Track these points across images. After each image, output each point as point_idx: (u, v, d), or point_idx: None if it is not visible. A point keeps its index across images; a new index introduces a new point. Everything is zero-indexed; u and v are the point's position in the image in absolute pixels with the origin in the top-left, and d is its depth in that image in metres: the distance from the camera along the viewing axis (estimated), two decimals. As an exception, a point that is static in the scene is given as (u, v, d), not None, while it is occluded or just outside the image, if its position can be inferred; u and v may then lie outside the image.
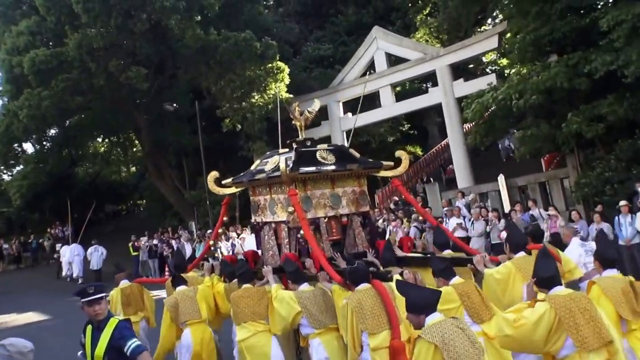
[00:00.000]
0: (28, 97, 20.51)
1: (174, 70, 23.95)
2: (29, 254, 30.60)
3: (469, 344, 4.15)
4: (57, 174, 32.42)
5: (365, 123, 23.66)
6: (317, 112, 8.78)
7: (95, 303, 4.97)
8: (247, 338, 6.59)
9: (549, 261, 4.87)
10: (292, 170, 7.24)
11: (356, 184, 8.05)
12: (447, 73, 21.11)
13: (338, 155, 7.91)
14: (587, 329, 4.32)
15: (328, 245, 7.61)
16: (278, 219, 7.88)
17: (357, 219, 7.96)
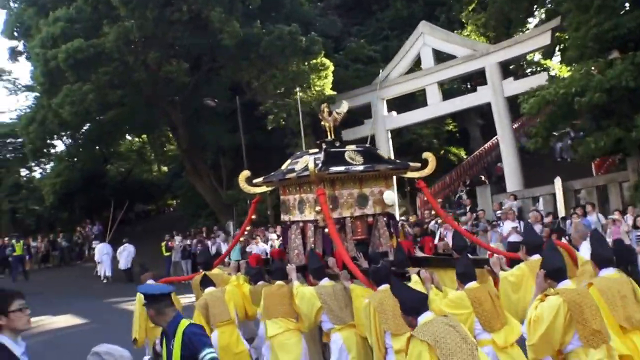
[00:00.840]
0: (69, 93, 20.33)
1: (212, 65, 23.83)
2: (57, 252, 30.54)
3: (461, 340, 4.25)
4: (89, 171, 32.54)
5: (410, 122, 23.36)
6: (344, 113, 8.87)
7: (147, 307, 4.50)
8: (277, 334, 6.79)
9: (557, 254, 5.09)
10: (321, 170, 7.52)
11: (383, 184, 8.23)
12: (496, 71, 20.67)
13: (366, 156, 8.18)
14: (595, 323, 4.46)
15: (352, 245, 7.87)
16: (306, 218, 8.15)
17: (382, 219, 8.15)
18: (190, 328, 4.26)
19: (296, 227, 8.37)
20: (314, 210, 7.80)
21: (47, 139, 26.14)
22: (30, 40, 24.46)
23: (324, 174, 7.59)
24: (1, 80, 36.47)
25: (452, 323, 4.42)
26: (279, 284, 7.13)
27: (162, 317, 4.36)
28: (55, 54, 20.08)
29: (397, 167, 8.61)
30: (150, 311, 4.43)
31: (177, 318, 4.35)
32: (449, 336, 4.24)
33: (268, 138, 24.85)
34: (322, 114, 8.66)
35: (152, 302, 4.41)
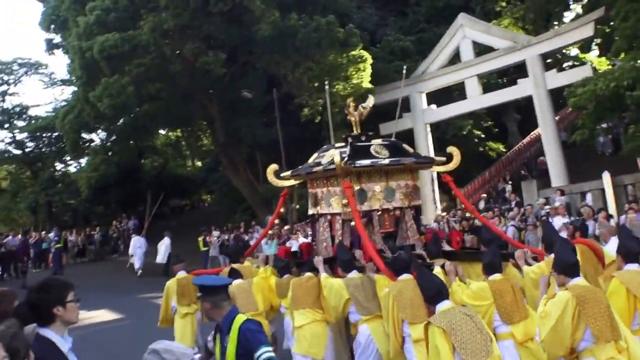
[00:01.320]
0: (107, 86, 20.31)
1: (248, 58, 23.74)
2: (93, 246, 30.62)
3: (476, 331, 4.43)
4: (125, 165, 32.66)
5: (449, 116, 23.10)
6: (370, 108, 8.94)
7: (202, 299, 4.24)
8: (304, 325, 6.92)
9: (569, 250, 5.12)
10: (347, 164, 7.59)
11: (409, 178, 8.32)
12: (538, 63, 20.33)
13: (392, 150, 8.23)
14: (602, 321, 4.46)
15: (380, 238, 7.99)
16: (333, 211, 8.22)
17: (409, 212, 8.28)
18: (247, 324, 4.02)
19: (324, 220, 8.48)
20: (341, 203, 7.89)
21: (83, 131, 26.25)
22: (67, 33, 24.58)
23: (350, 168, 7.67)
24: (37, 74, 36.85)
25: (470, 313, 4.60)
26: (309, 275, 7.27)
27: (218, 311, 4.12)
28: (91, 45, 20.10)
29: (422, 161, 8.75)
30: (205, 304, 4.17)
31: (233, 313, 4.11)
32: (464, 325, 4.43)
33: (304, 132, 24.73)
34: (348, 109, 8.77)
35: (209, 294, 4.16)
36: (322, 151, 8.67)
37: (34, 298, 3.47)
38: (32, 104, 37.96)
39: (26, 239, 26.54)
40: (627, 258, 5.38)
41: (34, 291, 3.48)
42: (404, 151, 8.47)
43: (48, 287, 3.49)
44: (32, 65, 36.13)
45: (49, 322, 3.42)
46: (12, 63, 35.46)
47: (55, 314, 3.42)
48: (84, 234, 31.13)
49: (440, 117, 23.43)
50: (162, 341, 3.71)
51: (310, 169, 8.42)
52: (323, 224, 8.47)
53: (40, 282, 3.56)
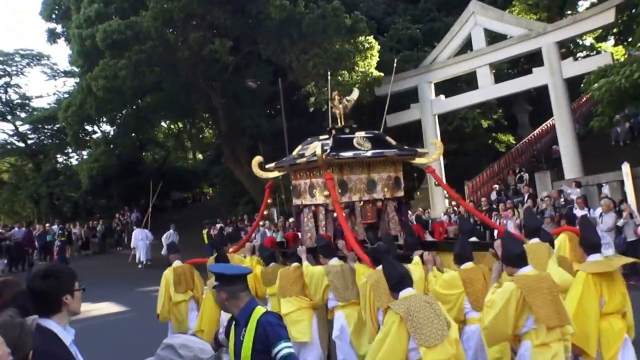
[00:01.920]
0: (104, 68, 19.52)
1: (252, 47, 22.94)
2: (96, 239, 30.17)
3: (434, 317, 4.58)
4: (126, 158, 32.01)
5: (459, 106, 22.17)
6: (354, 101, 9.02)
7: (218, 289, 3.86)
8: (290, 312, 7.03)
9: (516, 241, 5.25)
10: (329, 156, 7.65)
11: (392, 170, 8.38)
12: (554, 51, 19.30)
13: (375, 142, 8.27)
14: (548, 308, 4.61)
15: (362, 228, 8.08)
16: (317, 202, 8.27)
17: (391, 204, 8.36)
18: (267, 317, 3.70)
19: (308, 211, 8.55)
20: (324, 194, 7.92)
21: (85, 123, 25.54)
22: (68, 22, 23.81)
23: (332, 159, 7.74)
24: (40, 65, 36.04)
25: (429, 300, 4.79)
26: (296, 265, 7.35)
27: (235, 301, 3.83)
28: (92, 33, 19.35)
29: (405, 153, 8.70)
30: (221, 294, 3.84)
31: (251, 304, 3.80)
32: (422, 311, 4.58)
33: (309, 122, 23.88)
34: (333, 101, 8.82)
35: (226, 283, 3.83)
36: (306, 143, 8.68)
37: (42, 285, 3.13)
38: (35, 96, 36.93)
39: (30, 231, 26.12)
40: (590, 250, 5.58)
41: (39, 278, 3.16)
42: (387, 143, 8.52)
43: (58, 274, 3.22)
44: (35, 57, 35.36)
45: (53, 311, 3.15)
46: (14, 54, 34.67)
47: (63, 303, 3.16)
48: (87, 227, 30.58)
49: (450, 108, 22.48)
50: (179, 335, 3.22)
51: (293, 161, 8.46)
52: (307, 214, 8.57)
53: (46, 269, 3.26)
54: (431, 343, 4.53)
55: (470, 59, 21.18)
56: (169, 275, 9.14)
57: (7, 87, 35.53)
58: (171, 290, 9.03)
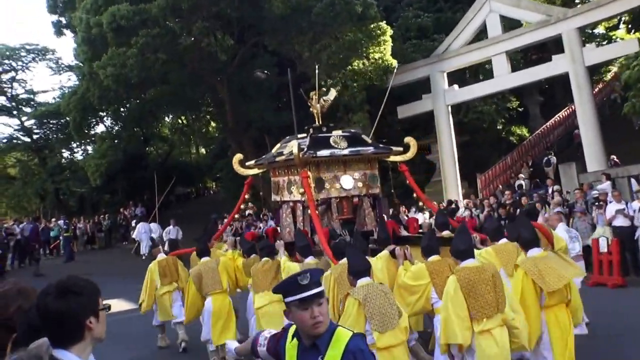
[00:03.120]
0: (112, 56, 18.26)
1: (258, 38, 21.55)
2: (102, 234, 28.91)
3: (387, 305, 4.93)
4: (131, 153, 30.60)
5: (474, 96, 20.71)
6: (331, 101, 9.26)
7: (313, 302, 2.76)
8: (263, 306, 7.09)
9: (465, 236, 5.58)
10: (306, 154, 7.78)
11: (368, 167, 8.53)
12: (575, 38, 17.83)
13: (351, 141, 8.43)
14: (488, 297, 4.90)
15: (338, 224, 8.26)
16: (294, 199, 8.42)
17: (367, 200, 8.53)
18: (356, 343, 2.78)
19: (286, 207, 8.75)
20: (300, 191, 8.04)
21: (89, 114, 24.17)
22: (74, 14, 22.45)
23: (308, 158, 7.87)
24: (45, 60, 34.55)
25: (385, 290, 5.07)
26: (265, 260, 7.41)
27: None
28: (99, 20, 18.12)
29: (380, 151, 8.75)
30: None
31: (331, 326, 2.83)
32: (378, 299, 4.88)
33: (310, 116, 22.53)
34: (311, 101, 8.91)
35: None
36: (285, 142, 8.89)
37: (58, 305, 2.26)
38: (40, 90, 35.69)
39: (37, 226, 24.95)
40: (528, 246, 5.68)
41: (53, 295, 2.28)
42: (363, 142, 8.66)
43: (78, 289, 2.33)
44: (40, 51, 33.83)
45: (73, 340, 2.30)
46: (19, 49, 33.16)
47: (86, 328, 2.32)
48: (93, 222, 29.33)
49: (463, 98, 20.99)
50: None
51: (272, 159, 8.65)
52: (285, 210, 8.78)
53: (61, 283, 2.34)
54: (384, 329, 4.84)
55: (485, 47, 19.73)
56: (153, 268, 9.29)
57: (12, 82, 34.13)
58: (155, 282, 9.20)
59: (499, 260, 6.25)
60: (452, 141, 20.84)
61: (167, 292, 9.18)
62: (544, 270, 5.31)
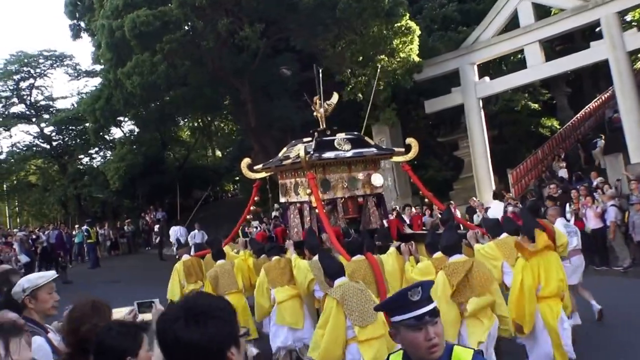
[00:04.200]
0: (138, 64, 17.43)
1: (281, 34, 20.62)
2: (124, 240, 28.24)
3: (365, 301, 5.22)
4: (151, 157, 29.89)
5: (506, 88, 19.64)
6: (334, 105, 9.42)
7: (428, 322, 2.37)
8: (284, 301, 7.22)
9: (453, 233, 6.34)
10: (311, 157, 8.07)
11: (371, 168, 8.80)
12: (615, 22, 16.70)
13: (354, 143, 8.69)
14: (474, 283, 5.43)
15: (344, 223, 8.42)
16: (301, 200, 8.69)
17: (371, 200, 8.75)
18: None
19: (294, 208, 8.97)
20: (307, 192, 8.29)
21: (112, 118, 23.34)
22: (92, 17, 21.70)
23: (314, 161, 8.16)
24: (62, 66, 33.76)
25: (361, 287, 5.43)
26: (276, 258, 7.67)
27: None
28: (122, 24, 17.20)
29: (383, 152, 9.27)
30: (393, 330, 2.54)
31: (447, 346, 2.42)
32: (355, 296, 5.22)
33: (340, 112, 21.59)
34: (315, 105, 9.26)
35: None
36: (291, 145, 9.10)
37: (193, 334, 1.77)
38: (58, 97, 35.03)
39: (61, 233, 24.12)
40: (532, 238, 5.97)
41: (187, 320, 1.80)
42: (366, 143, 8.95)
43: (217, 312, 1.84)
44: (58, 57, 33.00)
45: None
46: (37, 56, 32.36)
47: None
48: (115, 228, 28.71)
49: (495, 91, 19.92)
50: None
51: (279, 162, 8.89)
52: (293, 211, 8.98)
53: (196, 304, 1.84)
54: (363, 323, 5.14)
55: (517, 36, 18.60)
56: (179, 267, 9.54)
57: (31, 89, 33.37)
58: (181, 281, 9.43)
59: (501, 254, 6.61)
60: (484, 135, 19.77)
61: (194, 290, 8.66)
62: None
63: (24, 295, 3.63)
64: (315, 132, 8.88)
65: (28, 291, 3.64)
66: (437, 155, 25.21)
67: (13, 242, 20.41)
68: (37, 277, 3.79)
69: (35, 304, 3.64)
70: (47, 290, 3.71)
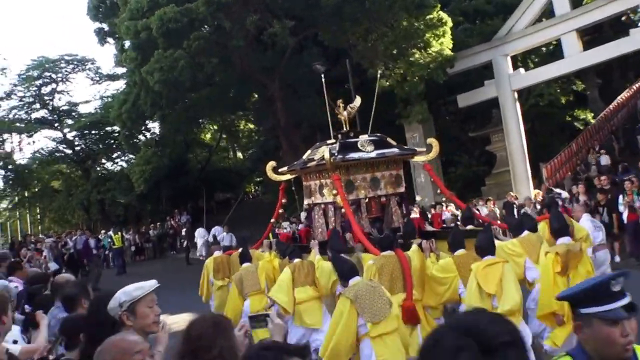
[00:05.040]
0: (159, 59, 17.22)
1: (309, 31, 20.38)
2: (149, 244, 28.05)
3: (377, 298, 5.37)
4: (175, 158, 29.67)
5: (542, 79, 19.20)
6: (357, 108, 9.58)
7: (628, 317, 2.14)
8: (303, 302, 7.23)
9: (487, 235, 6.40)
10: (335, 159, 8.33)
11: (394, 168, 9.14)
12: (655, 7, 16.43)
13: (377, 144, 8.95)
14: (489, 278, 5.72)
15: (367, 222, 8.78)
16: (326, 201, 8.99)
17: (394, 199, 9.09)
18: None
19: (318, 209, 9.27)
20: (332, 193, 8.58)
21: (140, 120, 23.17)
22: (115, 19, 21.48)
23: (339, 162, 8.42)
24: (84, 70, 33.74)
25: (374, 285, 5.64)
26: (298, 261, 7.64)
27: None
28: (147, 24, 17.08)
29: (404, 152, 9.54)
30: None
31: None
32: (367, 294, 5.36)
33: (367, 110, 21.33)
34: (338, 109, 9.43)
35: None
36: (315, 148, 9.38)
37: None
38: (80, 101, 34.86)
39: (87, 239, 24.17)
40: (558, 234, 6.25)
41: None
42: (388, 144, 9.21)
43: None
44: (79, 61, 33.01)
45: None
46: (59, 60, 32.35)
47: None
48: (140, 232, 28.46)
49: (530, 82, 19.49)
50: None
51: (304, 165, 9.17)
52: (317, 212, 9.28)
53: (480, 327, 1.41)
54: (376, 319, 5.32)
55: (553, 26, 18.19)
56: (209, 264, 10.06)
57: (53, 94, 33.30)
58: (210, 278, 9.95)
59: (524, 251, 6.78)
60: (519, 128, 19.34)
61: (223, 286, 9.79)
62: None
63: (120, 310, 3.20)
64: (339, 134, 9.22)
65: (125, 305, 3.20)
66: (468, 151, 24.84)
67: (43, 248, 20.22)
68: (135, 289, 3.30)
69: (134, 321, 3.18)
70: (147, 303, 3.26)
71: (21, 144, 34.63)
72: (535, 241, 6.85)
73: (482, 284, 5.77)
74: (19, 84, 31.90)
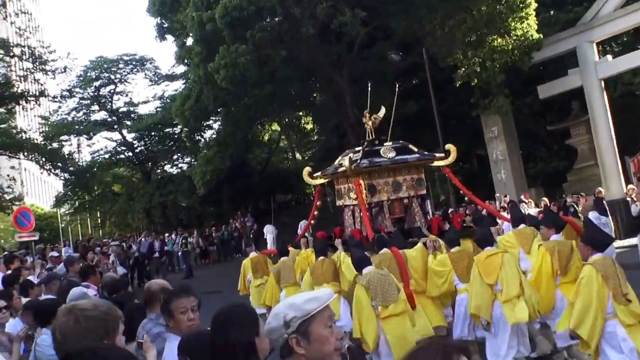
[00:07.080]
0: (224, 55, 17.29)
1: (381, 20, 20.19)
2: (214, 248, 28.13)
3: (387, 284, 6.54)
4: (236, 158, 29.70)
5: (632, 66, 18.43)
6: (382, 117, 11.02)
7: None
8: None
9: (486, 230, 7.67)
10: (356, 166, 9.78)
11: (415, 172, 10.39)
12: None
13: (398, 150, 10.20)
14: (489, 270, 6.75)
15: (390, 222, 10.06)
16: (354, 203, 10.25)
17: (415, 201, 10.33)
18: None
19: (348, 210, 10.58)
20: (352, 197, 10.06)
21: (204, 117, 23.43)
22: (178, 15, 21.84)
23: (359, 169, 9.76)
24: (142, 70, 34.50)
25: (384, 273, 6.77)
26: (321, 258, 8.68)
27: None
28: (212, 15, 17.17)
29: (424, 158, 10.60)
30: None
31: None
32: (378, 281, 6.54)
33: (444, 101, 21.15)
34: (365, 118, 10.77)
35: None
36: (344, 154, 10.56)
37: None
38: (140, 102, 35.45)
39: (152, 242, 24.69)
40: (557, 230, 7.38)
41: None
42: (409, 150, 10.36)
43: None
44: (138, 61, 33.75)
45: None
46: (117, 61, 33.21)
47: None
48: (204, 235, 28.72)
49: (618, 70, 18.66)
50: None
51: (335, 170, 10.56)
52: (347, 213, 10.58)
53: None
54: (386, 302, 6.49)
55: (643, 9, 17.43)
56: (247, 264, 11.07)
57: (112, 95, 34.11)
58: (247, 276, 10.96)
59: (518, 242, 7.82)
60: (608, 119, 18.56)
61: (261, 285, 10.59)
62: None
63: (287, 332, 2.31)
64: (364, 142, 10.50)
65: (295, 324, 2.30)
66: (547, 145, 24.19)
67: (109, 252, 20.68)
68: (306, 300, 2.36)
69: (306, 346, 2.30)
70: (324, 320, 2.35)
71: (80, 147, 35.70)
72: (529, 234, 7.84)
73: (483, 275, 6.71)
74: (77, 85, 32.66)
